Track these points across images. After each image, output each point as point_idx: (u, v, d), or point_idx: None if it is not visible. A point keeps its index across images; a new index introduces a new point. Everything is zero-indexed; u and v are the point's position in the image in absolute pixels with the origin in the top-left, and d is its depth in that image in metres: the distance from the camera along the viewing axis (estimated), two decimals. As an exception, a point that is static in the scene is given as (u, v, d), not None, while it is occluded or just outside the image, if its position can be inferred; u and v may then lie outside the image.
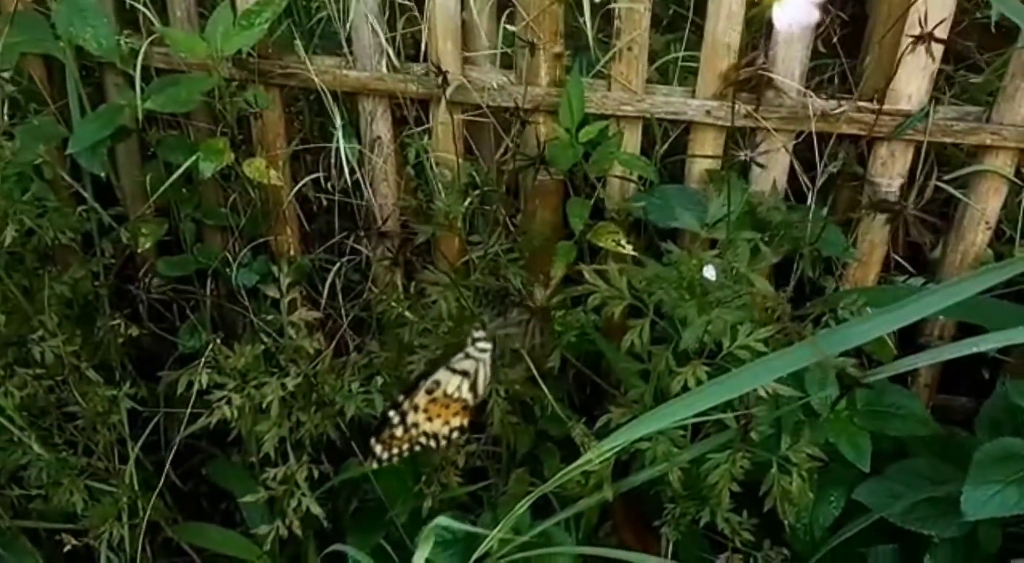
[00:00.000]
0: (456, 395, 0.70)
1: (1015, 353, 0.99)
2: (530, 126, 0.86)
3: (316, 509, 0.76)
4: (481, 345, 0.69)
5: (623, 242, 0.86)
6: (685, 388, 0.64)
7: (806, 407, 0.77)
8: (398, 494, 0.83)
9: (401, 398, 0.69)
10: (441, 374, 0.69)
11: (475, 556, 0.75)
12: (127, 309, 1.00)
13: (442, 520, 0.56)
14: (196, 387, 0.71)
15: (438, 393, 0.69)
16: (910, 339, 0.98)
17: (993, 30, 1.04)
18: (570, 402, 0.96)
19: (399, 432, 0.69)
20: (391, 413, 0.69)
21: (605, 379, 0.99)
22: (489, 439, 0.92)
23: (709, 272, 0.61)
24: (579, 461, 0.61)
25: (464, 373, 0.70)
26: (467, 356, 0.69)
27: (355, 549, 0.83)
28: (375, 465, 0.68)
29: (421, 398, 0.69)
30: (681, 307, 0.60)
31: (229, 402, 0.70)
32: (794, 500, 0.69)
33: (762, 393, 0.63)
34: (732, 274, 0.61)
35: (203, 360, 0.71)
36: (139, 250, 0.98)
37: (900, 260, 1.06)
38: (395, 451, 0.69)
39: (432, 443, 0.71)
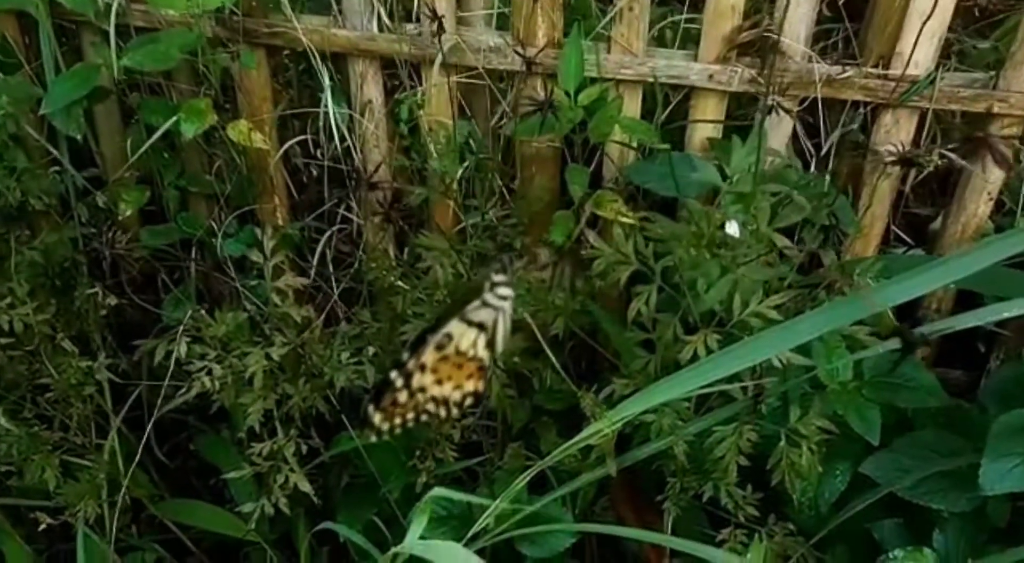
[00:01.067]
0: (471, 353, 0.58)
1: (1011, 326, 0.98)
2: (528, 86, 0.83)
3: (305, 485, 0.72)
4: (502, 291, 0.57)
5: (624, 211, 0.83)
6: (694, 359, 0.61)
7: (811, 379, 0.74)
8: (391, 469, 0.80)
9: (405, 356, 0.57)
10: (454, 326, 0.57)
11: (471, 532, 0.72)
12: (110, 280, 0.96)
13: (439, 491, 0.53)
14: (175, 357, 0.67)
15: (449, 349, 0.58)
16: (907, 314, 0.96)
17: (1000, -5, 1.02)
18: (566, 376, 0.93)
19: (403, 397, 0.58)
20: (393, 374, 0.57)
21: (601, 353, 0.96)
22: (483, 413, 0.89)
23: (732, 228, 0.58)
24: (588, 431, 0.58)
25: (480, 325, 0.58)
26: (484, 304, 0.57)
27: (346, 526, 0.80)
28: (373, 437, 0.57)
29: (429, 356, 0.57)
30: (702, 265, 0.56)
31: (210, 373, 0.66)
32: (803, 474, 0.67)
33: (776, 363, 0.61)
34: (755, 232, 0.58)
35: (182, 329, 0.67)
36: (120, 217, 0.94)
37: (899, 232, 1.04)
38: (397, 421, 0.58)
39: (442, 411, 0.59)
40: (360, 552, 0.80)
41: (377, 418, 0.58)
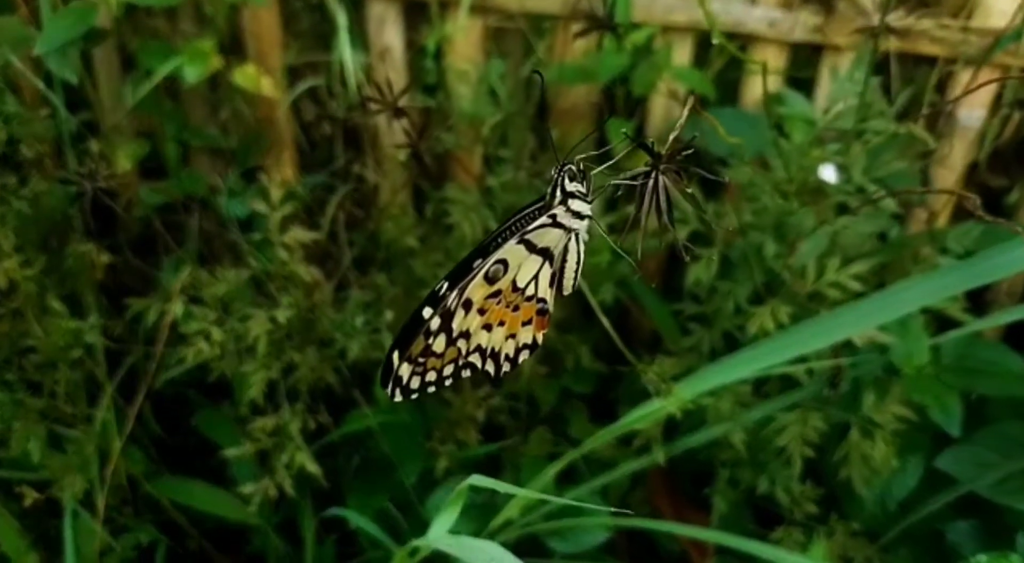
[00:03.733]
0: (531, 290, 0.44)
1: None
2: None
3: (312, 467, 0.64)
4: (577, 206, 0.43)
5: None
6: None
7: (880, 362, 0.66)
8: (407, 452, 0.72)
9: (444, 287, 0.44)
10: (511, 250, 0.43)
11: (496, 523, 0.65)
12: (108, 239, 0.89)
13: (475, 479, 0.43)
14: (172, 320, 0.60)
15: (503, 282, 0.44)
16: (976, 300, 0.87)
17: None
18: (596, 355, 0.85)
19: (439, 344, 0.44)
20: (427, 311, 0.43)
21: (636, 329, 0.88)
22: (506, 393, 0.81)
23: (828, 172, 0.49)
24: (641, 412, 0.50)
25: (545, 253, 0.44)
26: (553, 222, 0.43)
27: (357, 512, 0.72)
28: (399, 397, 0.44)
29: (477, 290, 0.44)
30: (795, 215, 0.47)
31: (208, 337, 0.58)
32: (877, 468, 0.58)
33: (856, 340, 0.52)
34: (848, 181, 0.49)
35: (178, 287, 0.58)
36: (118, 171, 0.86)
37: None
38: (430, 377, 0.45)
39: (489, 367, 0.45)
40: (371, 541, 0.73)
41: (404, 370, 0.44)
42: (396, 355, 0.44)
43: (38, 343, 0.65)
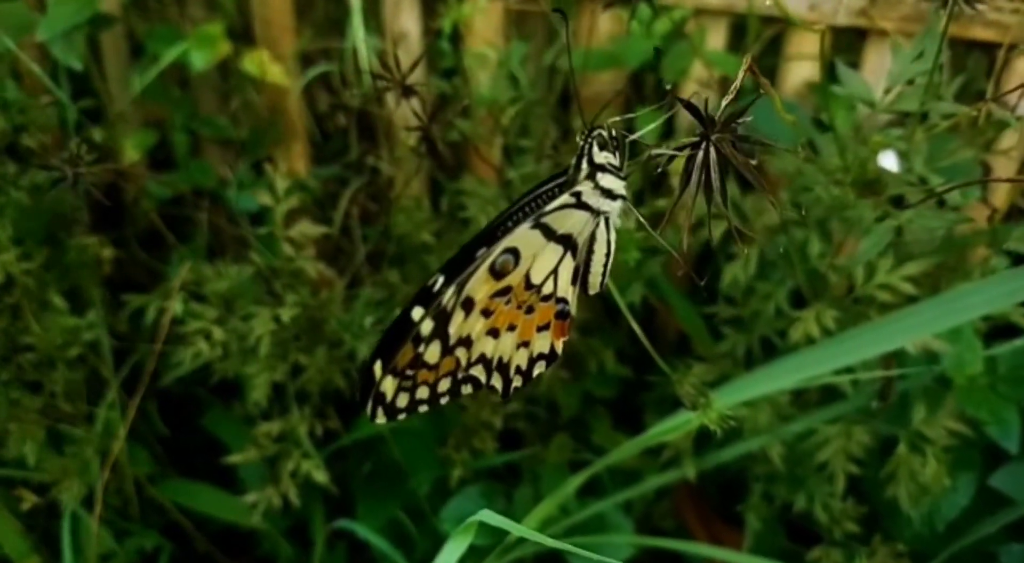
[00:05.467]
0: (548, 287, 0.35)
1: None
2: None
3: (319, 476, 0.60)
4: (607, 183, 0.34)
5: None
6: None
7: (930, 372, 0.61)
8: (420, 459, 0.68)
9: (438, 283, 0.35)
10: (523, 236, 0.34)
11: (513, 537, 0.60)
12: (115, 232, 0.86)
13: (485, 515, 0.38)
14: (173, 317, 0.56)
15: (514, 277, 0.34)
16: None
17: None
18: (620, 358, 0.81)
19: (432, 354, 0.35)
20: (416, 312, 0.35)
21: (663, 330, 0.83)
22: (525, 398, 0.77)
23: (889, 160, 0.44)
24: (672, 422, 0.45)
25: (566, 240, 0.34)
26: (578, 201, 0.34)
27: (368, 520, 0.69)
28: (380, 419, 0.36)
29: (480, 285, 0.35)
30: (854, 208, 0.42)
31: (209, 337, 0.55)
32: (928, 487, 0.54)
33: (910, 349, 0.47)
34: (907, 171, 0.44)
35: (179, 283, 0.55)
36: (125, 161, 0.83)
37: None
38: (421, 394, 0.36)
39: (496, 382, 0.37)
40: (381, 553, 0.69)
41: (388, 386, 0.35)
42: (378, 366, 0.35)
43: (36, 340, 0.62)
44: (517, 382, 0.37)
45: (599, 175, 0.34)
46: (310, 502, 0.76)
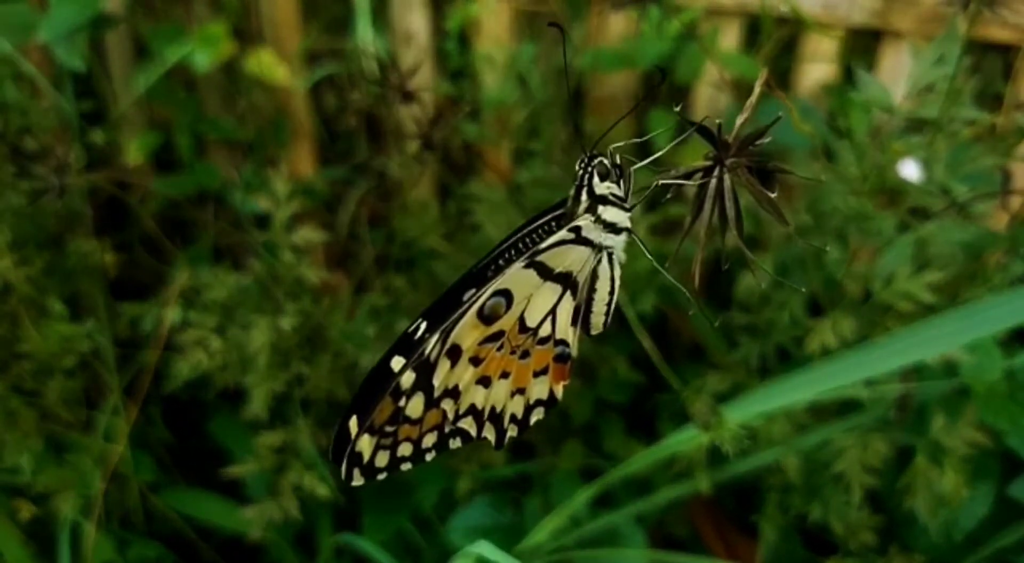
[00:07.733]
0: (545, 330, 0.32)
1: None
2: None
3: (322, 490, 0.59)
4: (609, 215, 0.31)
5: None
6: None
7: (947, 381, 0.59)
8: (426, 471, 0.67)
9: (420, 328, 0.32)
10: (516, 277, 0.32)
11: (524, 546, 0.59)
12: (120, 236, 0.85)
13: (483, 547, 0.37)
14: (171, 325, 0.55)
15: (506, 321, 0.32)
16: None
17: None
18: (633, 363, 0.79)
19: (415, 408, 0.33)
20: (396, 362, 0.32)
21: (676, 336, 0.82)
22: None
23: (909, 169, 0.42)
24: (683, 435, 0.44)
25: (565, 279, 0.32)
26: (577, 237, 0.31)
27: (374, 532, 0.68)
28: (358, 480, 0.33)
29: (469, 332, 0.32)
30: (873, 220, 0.41)
31: (207, 346, 0.53)
32: (945, 496, 0.52)
33: (930, 360, 0.46)
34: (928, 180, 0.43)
35: (177, 291, 0.54)
36: (129, 163, 0.83)
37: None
38: (404, 451, 0.33)
39: (489, 434, 0.34)
40: (388, 563, 0.68)
41: (365, 444, 0.32)
42: (354, 422, 0.32)
43: (33, 348, 0.61)
44: (512, 432, 0.35)
45: (600, 207, 0.32)
46: (316, 512, 0.75)
